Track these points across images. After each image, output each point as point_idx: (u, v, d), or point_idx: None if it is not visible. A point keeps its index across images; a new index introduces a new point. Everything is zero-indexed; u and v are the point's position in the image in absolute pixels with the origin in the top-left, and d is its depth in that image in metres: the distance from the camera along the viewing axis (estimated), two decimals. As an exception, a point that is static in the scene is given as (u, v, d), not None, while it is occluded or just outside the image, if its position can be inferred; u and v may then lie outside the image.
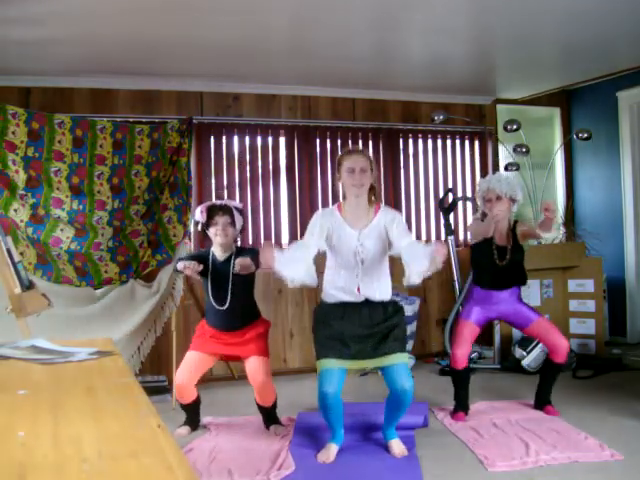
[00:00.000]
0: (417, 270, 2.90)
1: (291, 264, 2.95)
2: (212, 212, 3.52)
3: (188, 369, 3.55)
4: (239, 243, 3.72)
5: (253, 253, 3.46)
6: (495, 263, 3.75)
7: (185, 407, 3.68)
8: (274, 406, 3.67)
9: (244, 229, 3.90)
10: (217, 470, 3.00)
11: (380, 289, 3.17)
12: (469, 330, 3.81)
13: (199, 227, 3.63)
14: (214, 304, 3.56)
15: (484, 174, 5.96)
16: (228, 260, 3.56)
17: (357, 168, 3.13)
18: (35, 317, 2.93)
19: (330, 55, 4.51)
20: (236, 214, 3.55)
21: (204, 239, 3.63)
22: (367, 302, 3.15)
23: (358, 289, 3.13)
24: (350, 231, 3.15)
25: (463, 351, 3.76)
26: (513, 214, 3.84)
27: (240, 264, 3.38)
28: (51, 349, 2.00)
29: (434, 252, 2.84)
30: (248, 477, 2.91)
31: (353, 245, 3.12)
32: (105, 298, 4.39)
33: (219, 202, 3.59)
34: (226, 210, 3.51)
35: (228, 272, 3.54)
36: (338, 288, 3.16)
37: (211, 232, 3.54)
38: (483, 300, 3.83)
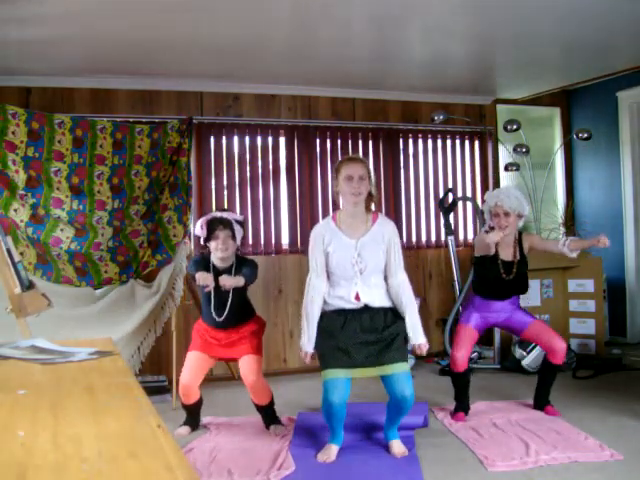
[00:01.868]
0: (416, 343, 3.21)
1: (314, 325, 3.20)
2: (212, 226, 3.47)
3: (192, 370, 3.55)
4: (239, 251, 3.68)
5: (251, 266, 3.52)
6: (501, 278, 3.77)
7: (187, 407, 3.68)
8: (271, 405, 3.67)
9: (244, 239, 3.87)
10: (217, 470, 3.00)
11: (380, 296, 3.17)
12: (468, 334, 3.82)
13: (200, 241, 3.60)
14: (214, 315, 3.53)
15: (484, 174, 5.97)
16: (229, 270, 3.53)
17: (355, 176, 3.10)
18: (35, 317, 2.93)
19: (330, 55, 4.51)
20: (236, 227, 3.50)
21: (205, 250, 3.61)
22: (367, 308, 3.14)
23: (357, 298, 3.12)
24: (347, 241, 3.14)
25: (463, 354, 3.77)
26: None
27: (225, 284, 3.33)
28: (51, 349, 2.01)
29: (413, 348, 3.21)
30: (248, 477, 2.91)
31: (350, 255, 3.10)
32: (105, 298, 4.38)
33: (219, 215, 3.52)
34: (227, 224, 3.47)
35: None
36: (338, 297, 3.15)
37: (212, 246, 3.50)
38: (483, 308, 3.85)
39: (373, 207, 3.26)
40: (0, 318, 3.03)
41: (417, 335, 3.17)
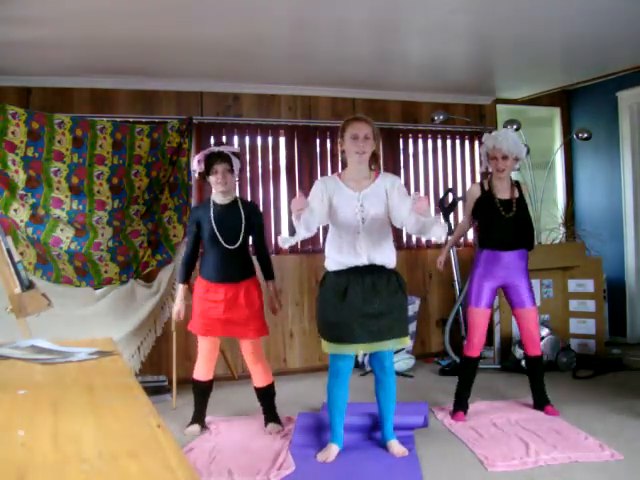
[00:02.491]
0: (434, 234, 3.01)
1: (301, 230, 3.05)
2: (210, 160, 3.51)
3: (208, 353, 3.63)
4: (237, 192, 3.71)
5: (257, 212, 3.64)
6: (501, 216, 3.72)
7: (199, 387, 3.70)
8: (273, 391, 3.70)
9: (242, 170, 3.95)
10: (217, 470, 3.00)
11: (382, 252, 3.16)
12: (481, 316, 3.77)
13: (196, 175, 3.64)
14: (223, 243, 3.52)
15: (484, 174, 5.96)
16: (233, 204, 3.58)
17: (361, 135, 3.14)
18: (35, 317, 2.93)
19: (330, 55, 4.50)
20: (234, 159, 3.54)
21: (204, 186, 3.64)
22: (370, 268, 3.14)
23: (360, 249, 3.12)
24: (350, 193, 3.17)
25: (479, 337, 3.76)
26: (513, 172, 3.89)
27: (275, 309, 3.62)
28: (51, 349, 2.00)
29: (415, 209, 2.88)
30: (248, 477, 2.91)
31: (353, 205, 3.14)
32: (105, 298, 4.39)
33: (216, 149, 3.56)
34: (224, 157, 3.51)
35: (236, 215, 3.56)
36: (341, 251, 3.15)
37: (211, 180, 3.55)
38: (490, 263, 3.75)
39: (375, 166, 3.28)
40: (0, 318, 3.03)
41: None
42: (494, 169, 3.77)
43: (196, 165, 3.55)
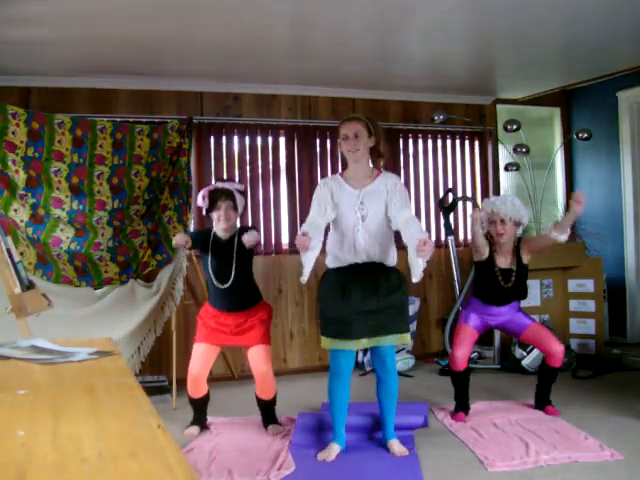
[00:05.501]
0: (415, 271, 2.97)
1: (311, 259, 3.09)
2: (214, 197, 3.51)
3: (200, 361, 3.57)
4: (238, 223, 3.71)
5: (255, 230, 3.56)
6: (500, 285, 3.77)
7: (195, 402, 3.69)
8: (274, 402, 3.68)
9: (245, 208, 3.96)
10: (217, 470, 3.00)
11: (382, 250, 3.17)
12: (468, 333, 3.83)
13: (202, 212, 3.64)
14: (215, 283, 3.54)
15: (484, 174, 5.97)
16: (231, 239, 3.57)
17: (350, 134, 3.18)
18: (35, 317, 2.93)
19: (330, 55, 4.51)
20: (238, 196, 3.54)
21: (206, 221, 3.64)
22: (369, 266, 3.15)
23: (359, 246, 3.14)
24: (351, 190, 3.20)
25: (462, 353, 3.77)
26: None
27: (249, 240, 3.35)
28: (51, 349, 2.00)
29: (418, 252, 2.87)
30: (248, 477, 2.91)
31: (353, 202, 3.17)
32: (105, 298, 4.38)
33: (221, 185, 3.55)
34: (228, 195, 3.51)
35: (231, 251, 3.55)
36: (341, 248, 3.18)
37: (214, 216, 3.55)
38: (482, 311, 3.86)
39: (380, 163, 3.29)
40: (0, 318, 3.03)
41: (420, 233, 2.99)
42: (493, 233, 3.78)
43: (201, 202, 3.53)
